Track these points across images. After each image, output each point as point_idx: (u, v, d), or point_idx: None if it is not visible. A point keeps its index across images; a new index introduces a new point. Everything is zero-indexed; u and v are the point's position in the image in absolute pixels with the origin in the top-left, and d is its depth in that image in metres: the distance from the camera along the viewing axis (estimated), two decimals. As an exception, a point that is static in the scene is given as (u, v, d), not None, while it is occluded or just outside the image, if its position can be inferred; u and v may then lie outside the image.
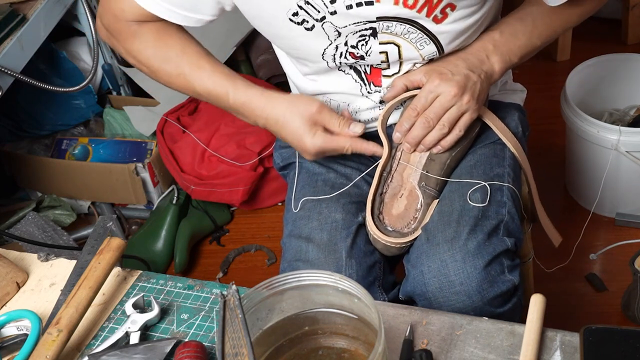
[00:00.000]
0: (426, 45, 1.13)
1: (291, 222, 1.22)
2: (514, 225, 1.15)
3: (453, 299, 1.07)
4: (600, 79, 2.07)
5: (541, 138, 2.19)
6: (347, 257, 1.14)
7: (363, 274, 1.14)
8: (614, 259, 1.91)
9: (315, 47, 1.14)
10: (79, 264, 1.06)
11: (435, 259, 1.08)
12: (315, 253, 1.15)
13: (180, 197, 2.20)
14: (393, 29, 1.10)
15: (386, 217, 1.15)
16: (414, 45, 1.12)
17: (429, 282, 1.08)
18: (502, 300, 1.10)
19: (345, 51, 1.14)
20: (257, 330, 0.84)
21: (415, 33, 1.11)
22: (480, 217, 1.11)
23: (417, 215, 1.14)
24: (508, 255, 1.11)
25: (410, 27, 1.10)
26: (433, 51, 1.14)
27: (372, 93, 1.21)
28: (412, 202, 1.15)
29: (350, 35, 1.11)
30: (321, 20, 1.09)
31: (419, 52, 1.13)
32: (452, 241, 1.08)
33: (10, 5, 1.92)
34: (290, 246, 1.18)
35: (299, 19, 1.09)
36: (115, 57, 2.38)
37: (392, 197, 1.16)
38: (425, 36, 1.11)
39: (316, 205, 1.20)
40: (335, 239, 1.15)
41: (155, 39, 1.19)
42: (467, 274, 1.06)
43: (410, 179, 1.16)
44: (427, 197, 1.14)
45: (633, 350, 0.81)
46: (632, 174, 1.91)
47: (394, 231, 1.14)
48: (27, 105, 2.29)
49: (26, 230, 2.05)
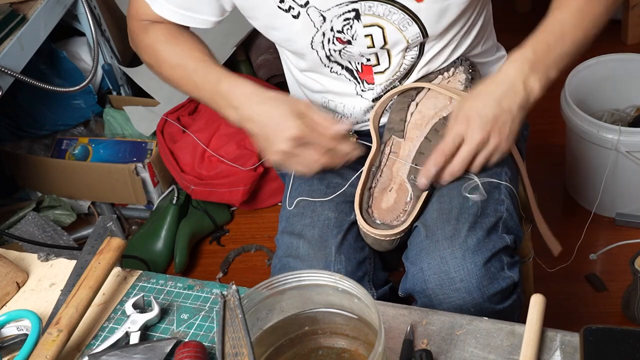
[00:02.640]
0: (409, 26, 1.14)
1: (285, 220, 1.23)
2: (513, 223, 1.15)
3: (453, 296, 1.08)
4: (600, 79, 2.07)
5: (541, 138, 2.19)
6: (336, 252, 1.15)
7: (352, 269, 1.15)
8: (614, 259, 1.91)
9: (304, 36, 1.17)
10: (79, 264, 1.06)
11: (435, 255, 1.09)
12: (306, 249, 1.16)
13: (180, 197, 2.20)
14: (375, 10, 1.12)
15: (375, 211, 1.15)
16: (397, 27, 1.14)
17: (429, 279, 1.09)
18: (502, 297, 1.10)
19: (332, 37, 1.16)
20: (257, 330, 0.84)
21: (397, 14, 1.12)
22: (479, 215, 1.11)
23: (406, 208, 1.14)
24: (507, 252, 1.12)
25: (391, 7, 1.12)
26: (416, 32, 1.15)
27: (366, 91, 1.24)
28: (401, 195, 1.15)
29: (334, 19, 1.14)
30: (305, 6, 1.13)
31: (402, 33, 1.15)
32: (452, 238, 1.08)
33: (10, 5, 1.91)
34: (283, 242, 1.20)
35: (286, 6, 1.14)
36: (115, 57, 2.38)
37: (382, 191, 1.16)
38: (407, 16, 1.13)
39: (310, 204, 1.21)
40: (326, 235, 1.16)
41: (165, 34, 1.25)
42: (467, 271, 1.07)
43: (399, 173, 1.16)
44: (416, 190, 1.14)
45: (633, 350, 0.81)
46: (632, 174, 1.91)
47: (383, 224, 1.14)
48: (27, 105, 2.28)
49: (26, 230, 2.05)
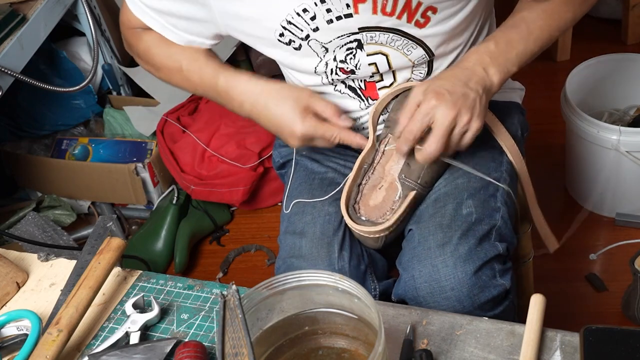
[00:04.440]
0: (413, 50, 1.12)
1: (287, 219, 1.23)
2: (507, 230, 1.14)
3: (444, 304, 1.07)
4: (600, 79, 2.07)
5: (541, 138, 2.19)
6: (339, 249, 1.15)
7: (355, 264, 1.15)
8: (614, 259, 1.91)
9: (307, 64, 1.17)
10: (79, 264, 1.06)
11: (426, 263, 1.08)
12: (308, 248, 1.15)
13: (180, 197, 2.20)
14: (377, 39, 1.11)
15: (362, 208, 1.15)
16: (401, 52, 1.13)
17: (420, 287, 1.08)
18: (493, 305, 1.10)
19: (335, 67, 1.15)
20: (257, 330, 0.85)
21: (400, 40, 1.11)
22: (472, 222, 1.10)
23: (394, 206, 1.14)
24: (499, 260, 1.11)
25: (394, 35, 1.10)
26: (422, 55, 1.14)
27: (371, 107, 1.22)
28: (391, 193, 1.15)
29: (337, 49, 1.13)
30: (306, 39, 1.12)
31: (407, 57, 1.14)
32: (444, 246, 1.08)
33: (10, 5, 1.91)
34: (286, 243, 1.19)
35: (286, 40, 1.13)
36: (115, 57, 2.38)
37: (372, 188, 1.16)
38: (410, 42, 1.11)
39: (311, 202, 1.21)
40: (327, 231, 1.16)
41: (158, 37, 1.26)
42: (458, 280, 1.06)
43: (392, 171, 1.16)
44: (405, 189, 1.14)
45: (633, 350, 0.81)
46: (632, 174, 1.91)
47: (368, 221, 1.14)
48: (27, 105, 2.28)
49: (26, 230, 2.05)
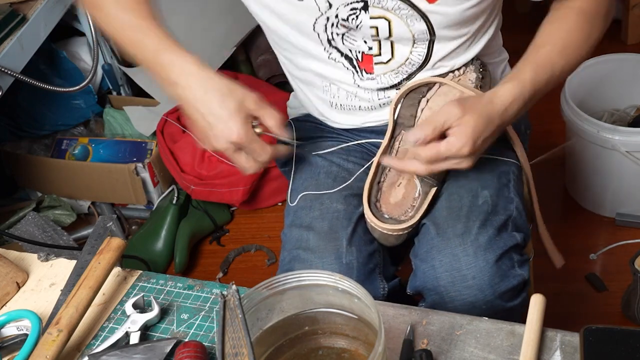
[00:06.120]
0: (416, 22, 1.12)
1: (292, 213, 1.22)
2: (522, 221, 1.15)
3: (465, 293, 1.08)
4: (600, 79, 2.07)
5: (541, 138, 2.18)
6: (347, 244, 1.14)
7: (363, 261, 1.15)
8: (614, 259, 1.91)
9: (307, 17, 1.13)
10: (79, 264, 1.06)
11: (446, 253, 1.09)
12: (316, 241, 1.15)
13: (180, 197, 2.20)
14: (384, 4, 1.10)
15: (383, 205, 1.15)
16: (405, 21, 1.12)
17: (440, 277, 1.09)
18: (512, 295, 1.10)
19: (336, 22, 1.14)
20: (257, 330, 0.84)
21: (407, 10, 1.10)
22: (489, 212, 1.11)
23: (414, 203, 1.14)
24: (517, 250, 1.12)
25: (401, 3, 1.10)
26: (423, 30, 1.13)
27: (364, 81, 1.21)
28: (410, 190, 1.15)
29: (341, 7, 1.11)
30: None
31: (409, 28, 1.13)
32: (463, 235, 1.09)
33: (10, 5, 1.91)
34: (291, 235, 1.18)
35: None
36: (115, 57, 2.38)
37: (390, 185, 1.16)
38: (415, 13, 1.11)
39: (318, 197, 1.20)
40: (336, 227, 1.16)
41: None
42: (479, 268, 1.07)
43: None
44: (425, 186, 1.14)
45: (633, 350, 0.81)
46: (632, 174, 1.91)
47: (391, 218, 1.14)
48: (27, 105, 2.28)
49: (26, 230, 2.05)
